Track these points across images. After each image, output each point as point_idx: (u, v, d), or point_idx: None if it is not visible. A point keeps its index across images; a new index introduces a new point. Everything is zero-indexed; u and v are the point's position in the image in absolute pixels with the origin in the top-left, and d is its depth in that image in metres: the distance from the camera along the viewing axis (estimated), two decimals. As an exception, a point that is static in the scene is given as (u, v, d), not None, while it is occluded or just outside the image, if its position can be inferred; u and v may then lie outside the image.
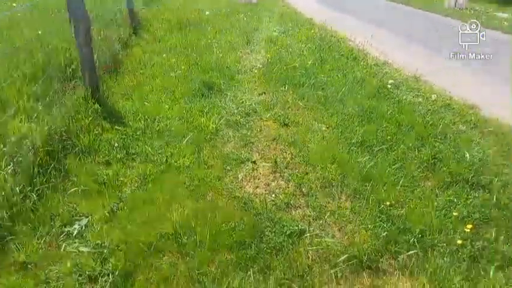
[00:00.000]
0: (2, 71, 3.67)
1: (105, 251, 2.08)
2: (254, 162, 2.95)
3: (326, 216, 2.32)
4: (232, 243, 2.12)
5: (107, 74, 4.59)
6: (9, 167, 2.42)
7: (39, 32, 5.11)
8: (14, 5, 6.50)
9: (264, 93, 4.29)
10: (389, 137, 3.20)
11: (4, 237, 2.11)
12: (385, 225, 2.23)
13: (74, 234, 2.22)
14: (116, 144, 3.15)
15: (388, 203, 2.39)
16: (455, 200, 2.48)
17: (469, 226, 2.22)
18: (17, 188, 2.34)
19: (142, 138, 3.28)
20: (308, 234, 2.18)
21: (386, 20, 9.11)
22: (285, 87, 4.36)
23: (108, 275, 1.92)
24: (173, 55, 5.52)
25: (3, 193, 2.25)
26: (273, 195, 2.54)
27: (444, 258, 2.03)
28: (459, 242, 2.11)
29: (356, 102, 3.92)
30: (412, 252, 2.06)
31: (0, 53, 4.22)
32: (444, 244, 2.12)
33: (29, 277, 1.92)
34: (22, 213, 2.28)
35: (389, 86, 4.30)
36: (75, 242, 2.15)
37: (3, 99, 3.23)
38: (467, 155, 2.95)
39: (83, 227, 2.27)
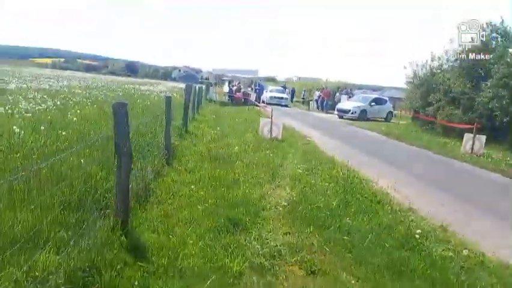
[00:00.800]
0: (44, 199, 3.88)
1: None
2: (279, 317, 2.76)
3: None
4: None
5: (137, 204, 4.75)
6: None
7: (82, 161, 5.54)
8: (64, 133, 7.22)
9: (289, 233, 4.26)
10: (424, 297, 2.99)
11: None
12: None
13: None
14: (136, 283, 3.06)
15: None
16: None
17: None
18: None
19: (163, 277, 3.19)
20: None
21: (406, 164, 9.45)
22: (310, 229, 4.34)
23: None
24: (201, 187, 5.72)
25: None
26: None
27: None
28: None
29: (384, 251, 3.81)
30: None
31: (43, 180, 4.52)
32: None
33: None
34: None
35: (417, 236, 4.21)
36: None
37: (38, 229, 3.32)
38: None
39: None
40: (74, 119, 9.21)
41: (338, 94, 29.70)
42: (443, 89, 16.50)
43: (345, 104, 25.09)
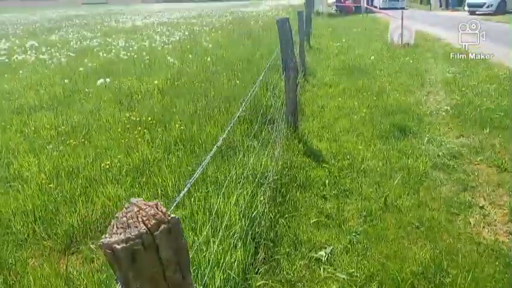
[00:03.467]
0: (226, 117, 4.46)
1: (359, 280, 2.23)
2: (482, 207, 2.82)
3: None
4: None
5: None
6: (260, 195, 2.85)
7: (237, 82, 6.04)
8: (209, 59, 7.82)
9: (462, 136, 4.12)
10: None
11: (271, 256, 2.45)
12: None
13: (323, 261, 2.45)
14: (327, 181, 3.40)
15: None
16: None
17: None
18: (271, 215, 2.74)
19: (350, 175, 3.46)
20: None
21: None
22: (485, 130, 4.11)
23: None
24: (348, 98, 5.76)
25: (265, 218, 2.66)
26: (524, 246, 2.37)
27: None
28: None
29: None
30: None
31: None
32: None
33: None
34: (277, 237, 2.63)
35: None
36: (329, 268, 2.36)
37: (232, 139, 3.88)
38: None
39: (329, 255, 2.49)
40: (210, 45, 9.86)
41: (467, -15, 25.11)
42: None
43: (478, -5, 21.19)
